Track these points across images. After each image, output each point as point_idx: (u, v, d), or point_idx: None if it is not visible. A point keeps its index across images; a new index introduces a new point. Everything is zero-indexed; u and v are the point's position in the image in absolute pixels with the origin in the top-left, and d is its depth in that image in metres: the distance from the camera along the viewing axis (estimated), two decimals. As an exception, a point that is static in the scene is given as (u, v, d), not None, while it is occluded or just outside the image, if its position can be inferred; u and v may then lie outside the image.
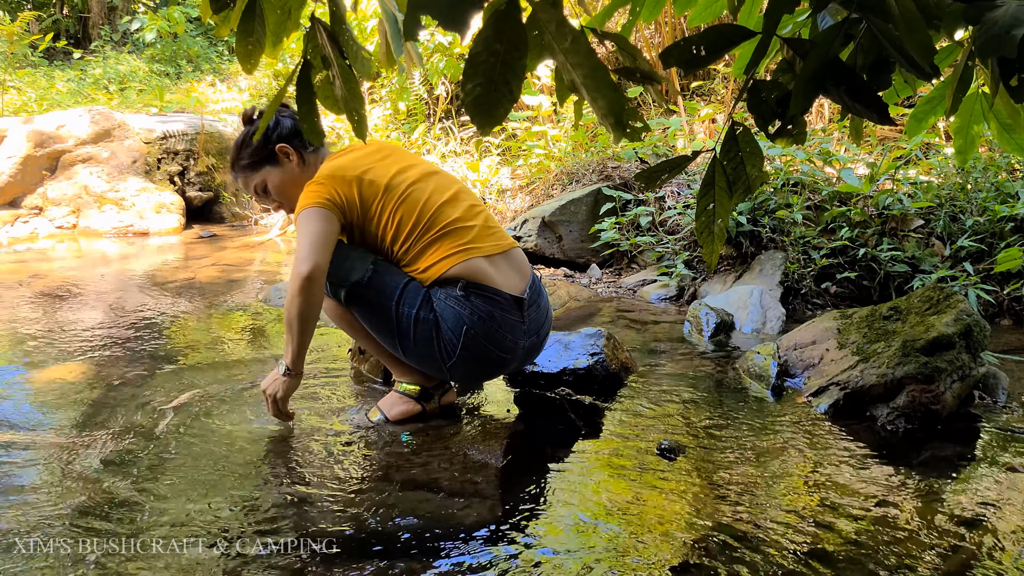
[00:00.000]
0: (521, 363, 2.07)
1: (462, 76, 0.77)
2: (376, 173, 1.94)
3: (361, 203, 1.90)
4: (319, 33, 1.07)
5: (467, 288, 1.86)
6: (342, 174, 1.90)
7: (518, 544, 1.45)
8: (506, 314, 1.90)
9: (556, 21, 0.76)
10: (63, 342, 2.75)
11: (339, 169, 1.92)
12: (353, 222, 1.93)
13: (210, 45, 11.28)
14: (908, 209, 3.42)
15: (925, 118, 1.47)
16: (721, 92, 6.05)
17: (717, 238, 1.05)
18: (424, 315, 1.87)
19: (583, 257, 4.18)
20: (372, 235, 1.94)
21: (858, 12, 0.90)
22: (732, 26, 0.99)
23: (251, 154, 2.04)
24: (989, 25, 0.85)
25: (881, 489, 1.69)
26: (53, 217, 5.42)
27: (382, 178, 1.93)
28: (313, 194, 1.88)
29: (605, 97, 0.79)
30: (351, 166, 1.93)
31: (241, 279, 3.94)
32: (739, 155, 1.03)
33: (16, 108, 7.16)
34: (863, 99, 0.92)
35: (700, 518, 1.55)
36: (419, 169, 2.01)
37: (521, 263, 2.01)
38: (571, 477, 1.75)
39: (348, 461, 1.82)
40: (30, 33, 10.46)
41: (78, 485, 1.67)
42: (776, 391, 2.28)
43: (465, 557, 1.41)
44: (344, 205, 1.88)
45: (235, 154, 2.09)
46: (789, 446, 1.91)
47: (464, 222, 1.94)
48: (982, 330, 2.14)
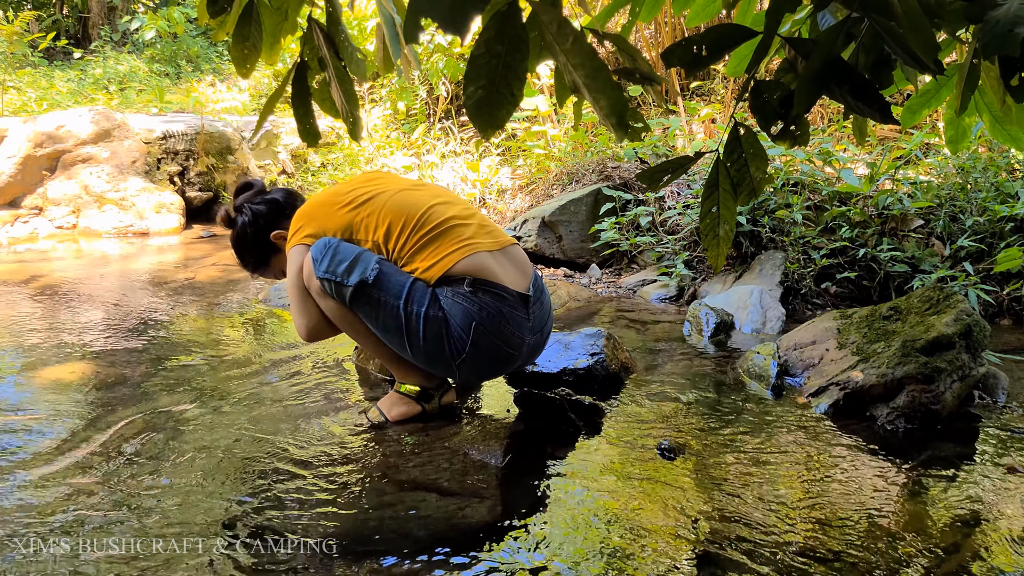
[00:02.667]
0: (525, 360, 2.07)
1: (463, 79, 0.77)
2: (359, 192, 2.01)
3: (344, 218, 1.97)
4: (316, 34, 1.07)
5: (474, 285, 1.86)
6: (317, 206, 2.02)
7: (518, 544, 1.45)
8: (513, 310, 1.90)
9: (557, 22, 0.76)
10: (63, 342, 2.75)
11: (312, 206, 2.03)
12: (338, 235, 1.97)
13: (210, 45, 11.28)
14: (908, 209, 3.42)
15: (919, 109, 1.48)
16: (721, 92, 6.05)
17: (723, 241, 1.05)
18: (433, 313, 1.87)
19: (583, 257, 4.18)
20: (363, 241, 1.95)
21: (860, 11, 0.90)
22: (734, 26, 0.99)
23: (253, 256, 2.21)
24: (991, 24, 0.85)
25: (881, 489, 1.69)
26: (53, 217, 5.42)
27: (365, 193, 2.00)
28: (294, 236, 2.00)
29: (607, 97, 0.79)
30: (327, 201, 2.02)
31: (242, 279, 3.94)
32: (743, 157, 1.03)
33: (16, 108, 7.15)
34: (866, 98, 0.92)
35: (700, 517, 1.55)
36: (407, 182, 2.09)
37: (522, 261, 2.02)
38: (571, 477, 1.75)
39: (348, 461, 1.81)
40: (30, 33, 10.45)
41: (78, 485, 1.66)
42: (776, 391, 2.28)
43: (465, 557, 1.41)
44: (324, 230, 1.97)
45: (241, 261, 2.23)
46: (789, 446, 1.91)
47: (460, 220, 1.95)
48: (982, 330, 2.14)
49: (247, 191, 2.25)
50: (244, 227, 2.19)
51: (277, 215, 2.18)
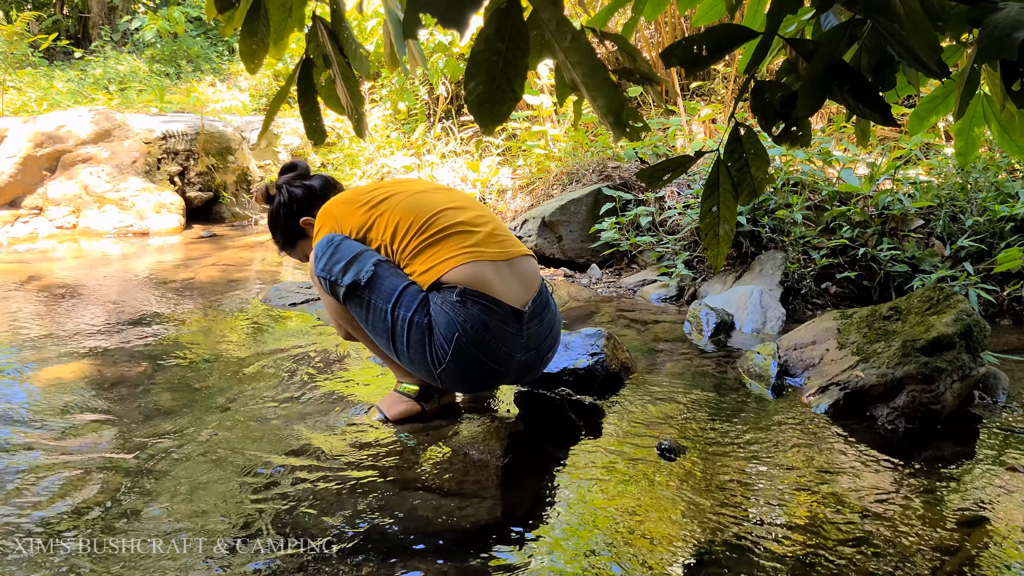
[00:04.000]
0: (517, 378, 2.01)
1: (465, 74, 0.77)
2: (380, 192, 2.03)
3: (360, 217, 1.98)
4: (320, 31, 1.07)
5: (464, 295, 1.82)
6: (340, 203, 2.04)
7: (518, 544, 1.45)
8: (502, 325, 1.84)
9: (556, 20, 0.76)
10: (63, 342, 2.75)
11: (335, 204, 2.05)
12: (353, 233, 1.98)
13: (210, 45, 11.28)
14: (908, 209, 3.42)
15: (927, 116, 1.47)
16: (721, 92, 6.05)
17: (723, 241, 1.04)
18: (419, 319, 1.84)
19: (583, 257, 4.18)
20: (374, 240, 1.95)
21: (863, 13, 0.90)
22: (734, 26, 0.99)
23: (282, 236, 2.25)
24: (991, 28, 0.85)
25: (881, 489, 1.69)
26: (53, 217, 5.42)
27: (384, 193, 2.01)
28: (316, 235, 2.04)
29: (604, 96, 0.79)
30: (350, 199, 2.04)
31: (242, 279, 3.94)
32: (743, 157, 1.03)
33: (16, 108, 7.15)
34: (867, 100, 0.92)
35: (700, 518, 1.55)
36: (428, 186, 2.10)
37: (528, 274, 1.95)
38: (571, 477, 1.75)
39: (347, 461, 1.81)
40: (31, 33, 10.45)
41: (77, 485, 1.67)
42: (776, 391, 2.28)
43: (465, 557, 1.41)
44: (342, 229, 1.99)
45: (273, 236, 2.29)
46: (789, 446, 1.91)
47: (469, 226, 1.92)
48: (982, 330, 2.14)
49: (290, 172, 2.27)
50: (278, 207, 2.22)
51: (310, 202, 2.19)
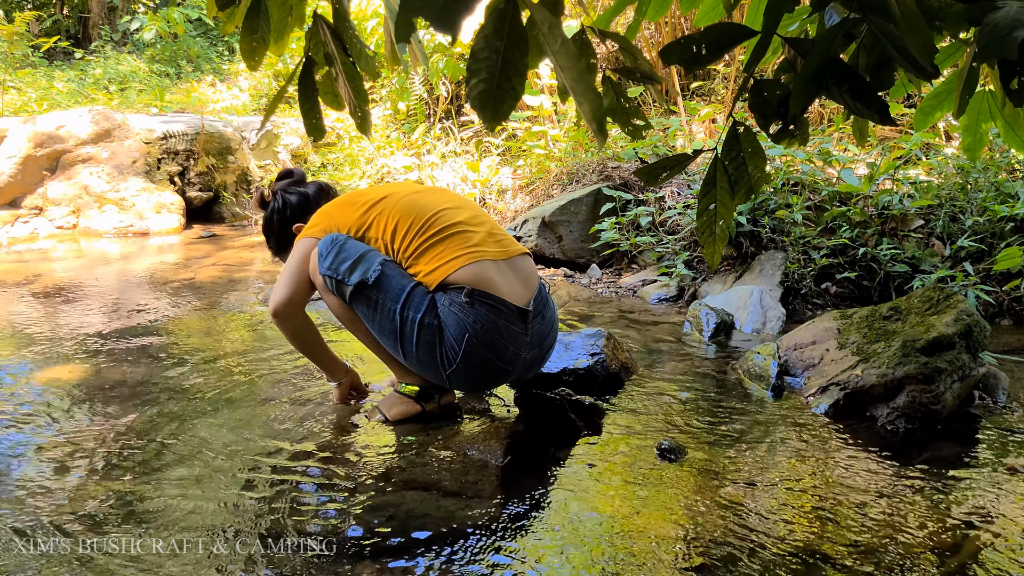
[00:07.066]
0: (522, 375, 2.06)
1: (466, 72, 0.77)
2: (376, 193, 2.04)
3: (357, 217, 1.99)
4: (321, 29, 1.07)
5: (472, 295, 1.84)
6: (337, 205, 2.05)
7: (518, 544, 1.45)
8: (509, 324, 1.88)
9: (548, 23, 0.76)
10: (63, 342, 2.75)
11: (332, 205, 2.06)
12: (352, 232, 1.99)
13: (210, 45, 11.29)
14: (908, 209, 3.42)
15: (932, 112, 1.47)
16: (721, 92, 6.05)
17: (719, 239, 1.04)
18: (428, 320, 1.86)
19: (583, 257, 4.18)
20: (373, 239, 1.96)
21: (859, 12, 0.90)
22: (733, 24, 0.99)
23: (276, 242, 2.25)
24: (990, 27, 0.85)
25: (881, 489, 1.69)
26: (53, 217, 5.42)
27: (380, 194, 2.03)
28: (308, 228, 2.03)
29: (589, 102, 0.79)
30: (348, 201, 2.05)
31: (242, 279, 3.94)
32: (741, 155, 1.03)
33: (16, 108, 7.15)
34: (864, 99, 0.92)
35: (700, 518, 1.55)
36: (422, 187, 2.12)
37: (527, 273, 1.98)
38: (571, 477, 1.74)
39: (348, 461, 1.81)
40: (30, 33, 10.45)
41: (78, 485, 1.67)
42: (776, 391, 2.27)
43: (465, 557, 1.41)
44: (338, 227, 1.99)
45: (267, 242, 2.30)
46: (789, 446, 1.91)
47: (468, 226, 1.94)
48: (982, 330, 2.14)
49: (286, 179, 2.29)
50: (272, 213, 2.23)
51: (304, 209, 2.20)
